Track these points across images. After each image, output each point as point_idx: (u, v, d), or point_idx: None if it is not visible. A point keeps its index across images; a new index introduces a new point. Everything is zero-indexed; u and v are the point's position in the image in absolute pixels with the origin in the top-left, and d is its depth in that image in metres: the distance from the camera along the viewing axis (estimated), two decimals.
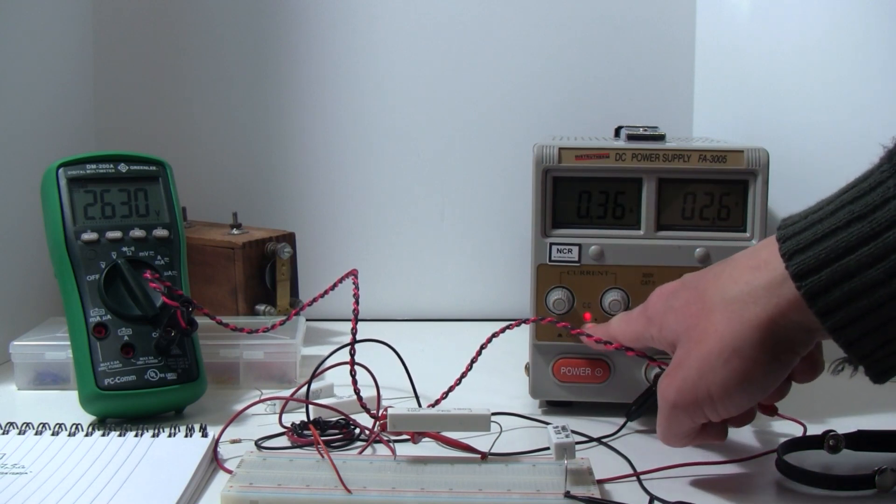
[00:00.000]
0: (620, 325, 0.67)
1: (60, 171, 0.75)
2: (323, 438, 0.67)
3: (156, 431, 0.67)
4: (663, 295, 0.62)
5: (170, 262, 0.76)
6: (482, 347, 0.72)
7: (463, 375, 0.72)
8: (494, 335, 0.71)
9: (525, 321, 0.72)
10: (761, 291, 0.54)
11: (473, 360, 0.72)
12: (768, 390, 0.56)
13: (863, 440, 0.65)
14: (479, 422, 0.62)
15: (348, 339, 0.73)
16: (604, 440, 0.69)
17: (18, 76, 0.94)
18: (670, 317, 0.60)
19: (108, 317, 0.72)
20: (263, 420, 0.73)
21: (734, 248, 0.72)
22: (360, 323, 0.74)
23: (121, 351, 0.71)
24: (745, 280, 0.55)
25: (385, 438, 0.66)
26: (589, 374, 0.74)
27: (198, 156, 1.10)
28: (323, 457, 0.61)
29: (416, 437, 0.65)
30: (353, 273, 0.79)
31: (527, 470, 0.60)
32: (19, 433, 0.67)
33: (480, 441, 0.66)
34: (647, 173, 0.73)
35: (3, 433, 0.67)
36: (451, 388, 0.73)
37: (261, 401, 0.75)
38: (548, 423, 0.64)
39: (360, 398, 0.70)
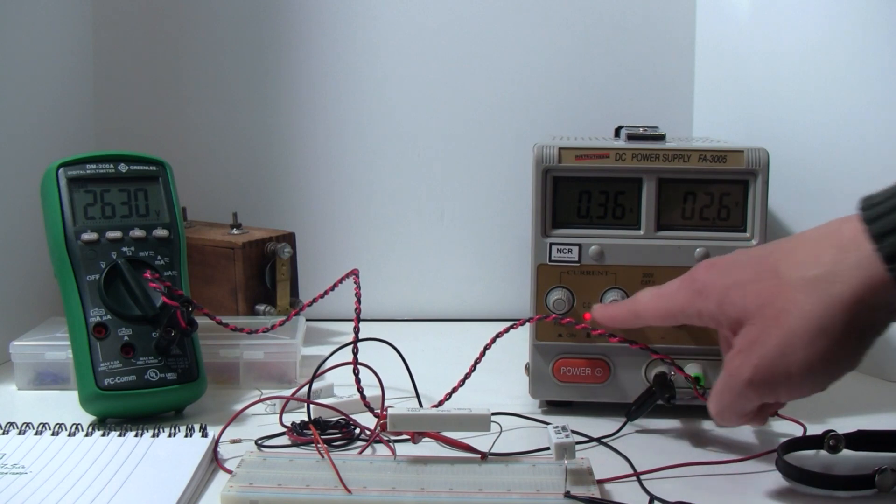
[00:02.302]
0: (652, 300, 0.66)
1: (60, 171, 0.75)
2: (323, 438, 0.67)
3: (156, 431, 0.67)
4: (716, 268, 0.61)
5: (170, 262, 0.76)
6: (486, 348, 0.72)
7: (467, 376, 0.72)
8: (498, 335, 0.71)
9: (529, 320, 0.72)
10: (848, 271, 0.54)
11: (477, 361, 0.72)
12: (846, 371, 0.56)
13: (863, 440, 0.65)
14: (479, 422, 0.62)
15: (348, 338, 0.73)
16: (604, 440, 0.69)
17: (18, 76, 0.94)
18: (735, 293, 0.59)
19: (108, 317, 0.72)
20: (263, 420, 0.73)
21: (734, 248, 0.72)
22: (360, 323, 0.74)
23: (121, 351, 0.71)
24: (829, 259, 0.54)
25: (385, 438, 0.66)
26: (589, 374, 0.74)
27: (198, 156, 1.10)
28: (323, 456, 0.61)
29: (416, 437, 0.65)
30: (355, 273, 0.79)
31: (527, 470, 0.60)
32: (19, 433, 0.67)
33: (480, 441, 0.66)
34: (647, 173, 0.73)
35: (3, 433, 0.67)
36: (454, 389, 0.73)
37: (261, 400, 0.75)
38: (548, 423, 0.64)
39: (363, 397, 0.70)
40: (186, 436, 0.67)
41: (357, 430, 0.69)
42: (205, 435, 0.67)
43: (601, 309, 0.70)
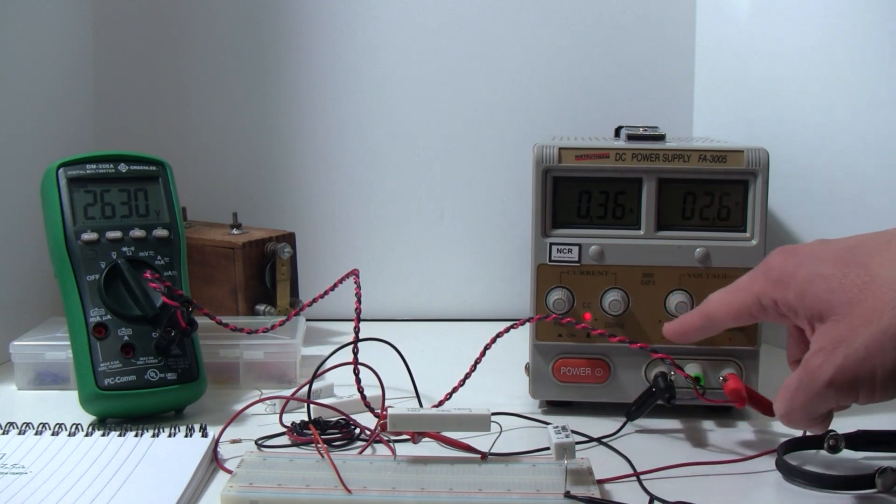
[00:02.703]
0: (724, 297, 0.63)
1: (60, 171, 0.75)
2: (323, 438, 0.67)
3: (156, 431, 0.67)
4: (795, 257, 0.59)
5: (170, 262, 0.76)
6: (486, 348, 0.72)
7: (467, 376, 0.72)
8: (498, 335, 0.71)
9: (529, 320, 0.72)
10: None
11: (478, 361, 0.72)
12: None
13: (863, 440, 0.65)
14: (479, 422, 0.62)
15: (348, 338, 0.73)
16: (604, 440, 0.69)
17: (18, 76, 0.94)
18: (819, 284, 0.56)
19: (108, 317, 0.72)
20: (263, 420, 0.73)
21: (734, 248, 0.72)
22: (360, 323, 0.74)
23: (121, 351, 0.71)
24: None
25: (385, 438, 0.66)
26: (589, 374, 0.74)
27: (198, 156, 1.10)
28: (323, 456, 0.61)
29: (416, 437, 0.65)
30: (355, 273, 0.79)
31: (527, 470, 0.60)
32: (19, 433, 0.67)
33: (480, 441, 0.66)
34: (647, 173, 0.73)
35: (3, 433, 0.67)
36: (454, 390, 0.73)
37: (261, 400, 0.75)
38: (548, 423, 0.64)
39: (363, 397, 0.70)
40: (186, 436, 0.67)
41: (357, 430, 0.69)
42: (205, 435, 0.67)
43: (671, 325, 0.68)
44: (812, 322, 0.57)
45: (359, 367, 0.71)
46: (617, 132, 0.83)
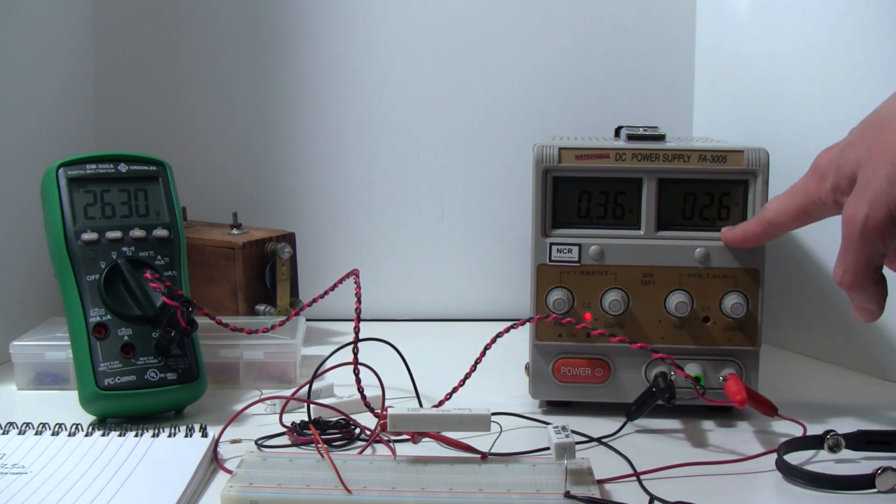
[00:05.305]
0: (781, 203, 0.67)
1: (60, 171, 0.75)
2: (323, 438, 0.67)
3: (156, 431, 0.67)
4: (832, 148, 0.63)
5: (170, 262, 0.76)
6: (486, 348, 0.72)
7: (467, 376, 0.72)
8: (499, 335, 0.71)
9: (529, 320, 0.72)
10: None
11: (478, 361, 0.72)
12: None
13: (863, 440, 0.65)
14: (479, 422, 0.62)
15: (348, 338, 0.73)
16: (604, 440, 0.69)
17: (18, 76, 0.94)
18: (848, 152, 0.60)
19: (108, 317, 0.72)
20: (263, 420, 0.73)
21: (734, 248, 0.72)
22: (360, 323, 0.74)
23: (121, 351, 0.71)
24: None
25: (385, 438, 0.66)
26: (589, 374, 0.74)
27: (198, 156, 1.10)
28: (323, 456, 0.61)
29: (416, 437, 0.65)
30: (355, 273, 0.79)
31: (527, 470, 0.60)
32: (19, 433, 0.67)
33: (480, 441, 0.66)
34: (647, 173, 0.73)
35: (3, 433, 0.67)
36: (454, 390, 0.73)
37: (261, 400, 0.75)
38: (548, 423, 0.64)
39: (363, 397, 0.70)
40: (186, 436, 0.67)
41: (357, 430, 0.69)
42: (205, 435, 0.67)
43: (731, 232, 0.71)
44: (853, 187, 0.60)
45: (359, 367, 0.71)
46: (617, 132, 0.83)
